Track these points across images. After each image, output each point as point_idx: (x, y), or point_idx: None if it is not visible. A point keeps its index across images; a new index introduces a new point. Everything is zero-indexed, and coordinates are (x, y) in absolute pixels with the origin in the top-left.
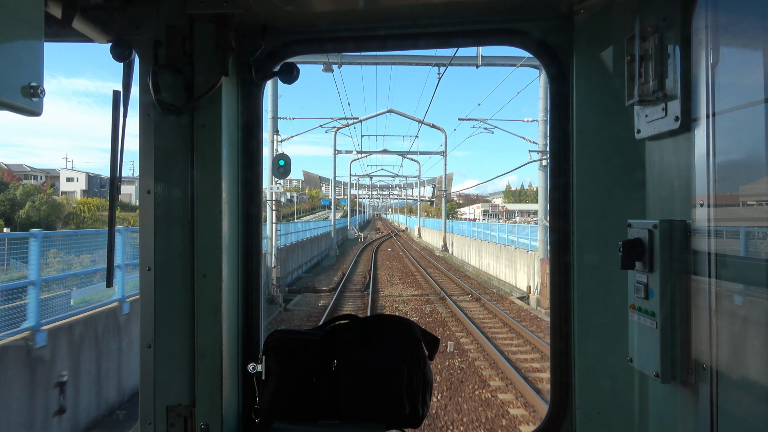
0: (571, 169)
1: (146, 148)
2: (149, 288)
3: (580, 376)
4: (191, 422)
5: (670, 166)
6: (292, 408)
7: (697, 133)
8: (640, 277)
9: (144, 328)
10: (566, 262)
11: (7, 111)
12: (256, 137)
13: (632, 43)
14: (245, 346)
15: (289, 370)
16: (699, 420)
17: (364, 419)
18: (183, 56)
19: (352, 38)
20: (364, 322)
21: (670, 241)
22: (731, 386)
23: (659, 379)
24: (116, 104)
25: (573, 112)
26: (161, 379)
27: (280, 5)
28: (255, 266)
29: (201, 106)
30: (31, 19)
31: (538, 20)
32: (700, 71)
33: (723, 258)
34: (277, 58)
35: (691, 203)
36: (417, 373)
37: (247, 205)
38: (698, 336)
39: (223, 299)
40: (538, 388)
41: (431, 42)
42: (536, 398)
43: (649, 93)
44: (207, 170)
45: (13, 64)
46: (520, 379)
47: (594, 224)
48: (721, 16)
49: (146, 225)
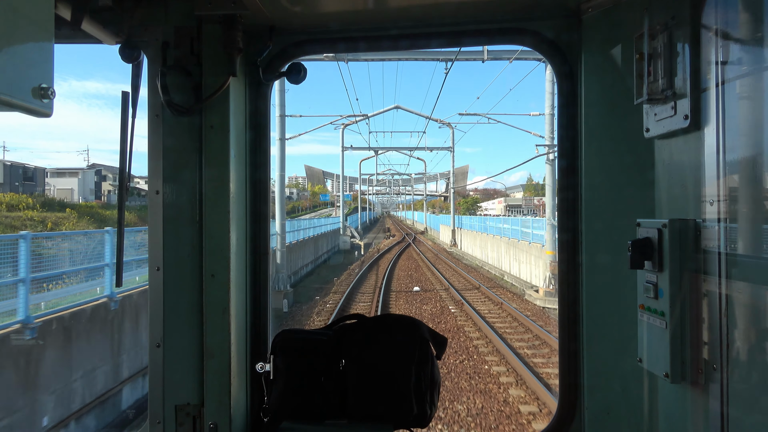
0: (579, 168)
1: (155, 149)
2: (158, 288)
3: (589, 377)
4: (200, 421)
5: (679, 165)
6: (300, 407)
7: (706, 131)
8: (650, 277)
9: (153, 327)
10: (575, 262)
11: (19, 112)
12: (264, 137)
13: (641, 41)
14: (253, 346)
15: (297, 370)
16: (709, 421)
17: (372, 419)
18: (191, 57)
19: (362, 38)
20: (372, 322)
21: (680, 241)
22: (742, 387)
23: (669, 379)
24: (125, 105)
25: (582, 110)
26: (170, 379)
27: (288, 6)
28: (263, 266)
29: (209, 106)
30: (41, 21)
31: (546, 19)
32: (710, 69)
33: (733, 257)
34: (284, 58)
35: (700, 202)
36: (425, 372)
37: (256, 205)
38: (708, 336)
39: (231, 299)
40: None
41: (442, 41)
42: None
43: (658, 91)
44: (215, 170)
45: (24, 66)
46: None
47: (603, 223)
48: (730, 13)
49: (155, 225)
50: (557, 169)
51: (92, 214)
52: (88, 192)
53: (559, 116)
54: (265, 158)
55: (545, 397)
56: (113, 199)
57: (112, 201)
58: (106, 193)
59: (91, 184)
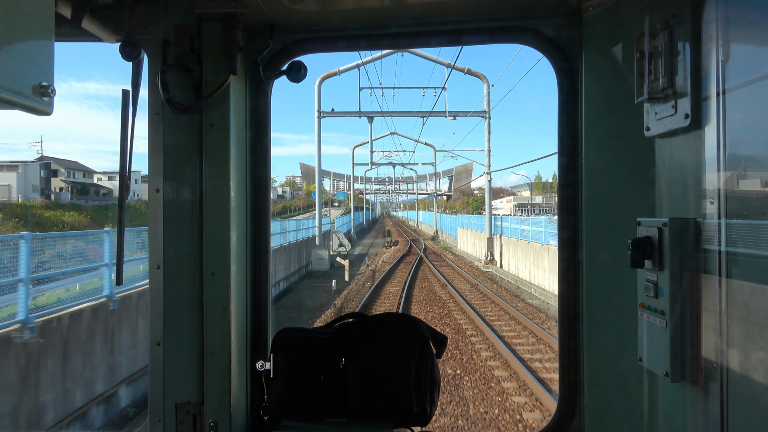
0: (580, 167)
1: (155, 147)
2: (158, 286)
3: (589, 375)
4: (200, 419)
5: (680, 164)
6: (300, 406)
7: (707, 130)
8: (650, 276)
9: (153, 325)
10: (576, 260)
11: (19, 110)
12: (264, 135)
13: (642, 40)
14: (254, 344)
15: (297, 368)
16: (709, 420)
17: (372, 417)
18: (191, 55)
19: (362, 36)
20: (372, 321)
21: (680, 239)
22: (742, 386)
23: (669, 378)
24: (125, 103)
25: (582, 108)
26: (170, 377)
27: (288, 4)
28: (263, 264)
29: (209, 104)
30: (42, 19)
31: (547, 17)
32: (711, 68)
33: (734, 256)
34: (285, 56)
35: (701, 201)
36: (425, 371)
37: (256, 203)
38: (708, 335)
39: (231, 297)
40: None
41: (443, 39)
42: None
43: (659, 90)
44: (216, 169)
45: (25, 64)
46: None
47: (603, 222)
48: (731, 12)
49: (155, 223)
50: (557, 166)
51: (26, 215)
52: (31, 189)
53: (559, 114)
54: (266, 156)
55: None
56: (65, 198)
57: (63, 200)
58: (57, 190)
59: (36, 180)
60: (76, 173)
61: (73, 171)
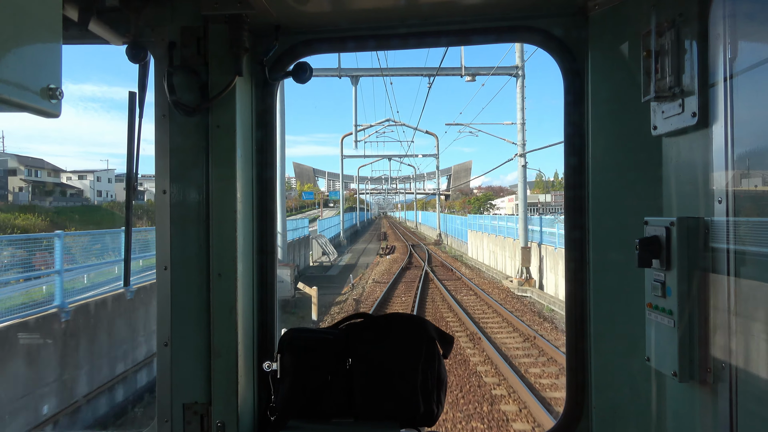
0: (586, 166)
1: (162, 149)
2: (165, 287)
3: (596, 375)
4: (207, 420)
5: (687, 163)
6: (306, 406)
7: (714, 129)
8: (658, 275)
9: (161, 326)
10: (583, 260)
11: (28, 113)
12: (270, 136)
13: (648, 39)
14: (260, 345)
15: (304, 369)
16: (718, 420)
17: (379, 417)
18: (197, 57)
19: (370, 36)
20: (379, 321)
21: (688, 239)
22: (751, 386)
23: (677, 378)
24: (132, 105)
25: (589, 108)
26: (178, 377)
27: (294, 5)
28: (270, 265)
29: (215, 106)
30: (49, 22)
31: (554, 16)
32: (718, 66)
33: (742, 255)
34: (290, 57)
35: (709, 200)
36: (431, 371)
37: (262, 204)
38: (716, 335)
39: (238, 298)
40: None
41: (451, 39)
42: None
43: (666, 89)
44: (222, 170)
45: (33, 67)
46: None
47: (611, 221)
48: (739, 9)
49: (162, 225)
50: (564, 166)
51: None
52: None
53: (566, 114)
54: (272, 157)
55: None
56: (23, 199)
57: (21, 200)
58: (16, 190)
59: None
60: (39, 171)
61: (36, 169)
